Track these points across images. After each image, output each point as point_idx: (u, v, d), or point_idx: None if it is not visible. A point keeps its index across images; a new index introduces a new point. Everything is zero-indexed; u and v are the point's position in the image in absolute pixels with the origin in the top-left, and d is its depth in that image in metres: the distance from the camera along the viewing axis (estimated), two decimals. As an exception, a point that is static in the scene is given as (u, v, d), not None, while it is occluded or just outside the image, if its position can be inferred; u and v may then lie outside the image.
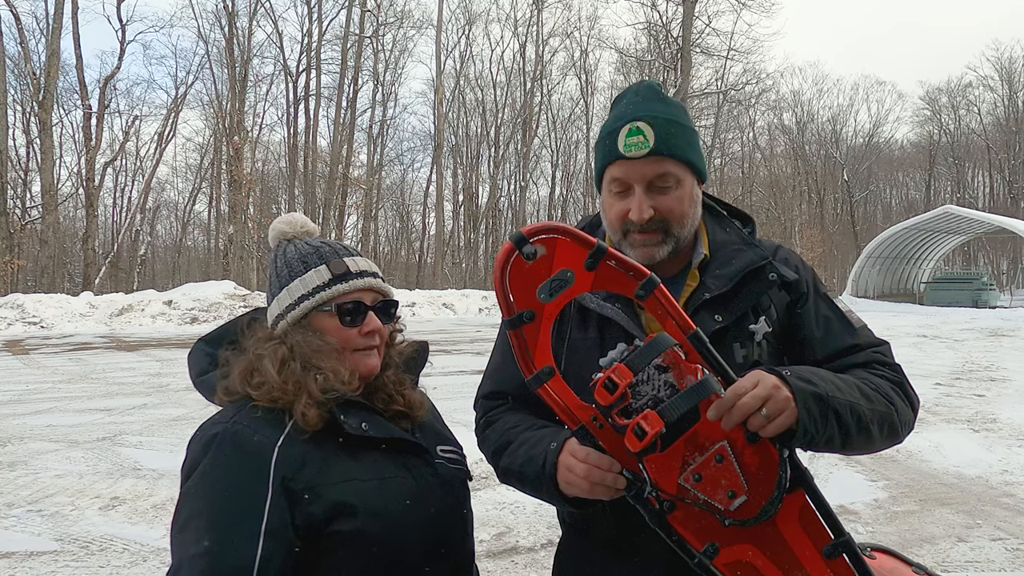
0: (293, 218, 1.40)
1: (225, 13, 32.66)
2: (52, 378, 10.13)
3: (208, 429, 1.20)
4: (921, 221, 32.08)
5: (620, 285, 1.11)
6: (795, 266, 1.42)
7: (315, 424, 1.18)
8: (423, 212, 47.82)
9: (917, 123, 57.97)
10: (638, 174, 1.31)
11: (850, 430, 1.16)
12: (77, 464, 5.58)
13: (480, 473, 5.12)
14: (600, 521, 1.32)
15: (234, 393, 1.23)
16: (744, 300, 1.33)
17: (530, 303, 1.09)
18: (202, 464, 1.15)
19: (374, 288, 1.33)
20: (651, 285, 1.10)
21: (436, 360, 1.55)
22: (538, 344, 1.11)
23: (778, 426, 1.06)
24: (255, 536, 1.10)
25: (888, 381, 1.29)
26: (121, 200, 39.97)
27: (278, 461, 1.15)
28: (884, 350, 1.38)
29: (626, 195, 1.33)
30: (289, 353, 1.24)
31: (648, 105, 1.33)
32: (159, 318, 20.07)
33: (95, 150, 30.47)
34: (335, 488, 1.17)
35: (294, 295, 1.29)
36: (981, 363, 12.01)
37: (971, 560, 3.89)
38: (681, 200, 1.33)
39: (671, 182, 1.32)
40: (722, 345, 1.26)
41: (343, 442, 1.21)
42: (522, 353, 1.11)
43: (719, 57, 33.60)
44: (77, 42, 29.70)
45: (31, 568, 3.68)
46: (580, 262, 1.09)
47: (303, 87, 36.41)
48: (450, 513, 1.31)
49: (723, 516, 1.07)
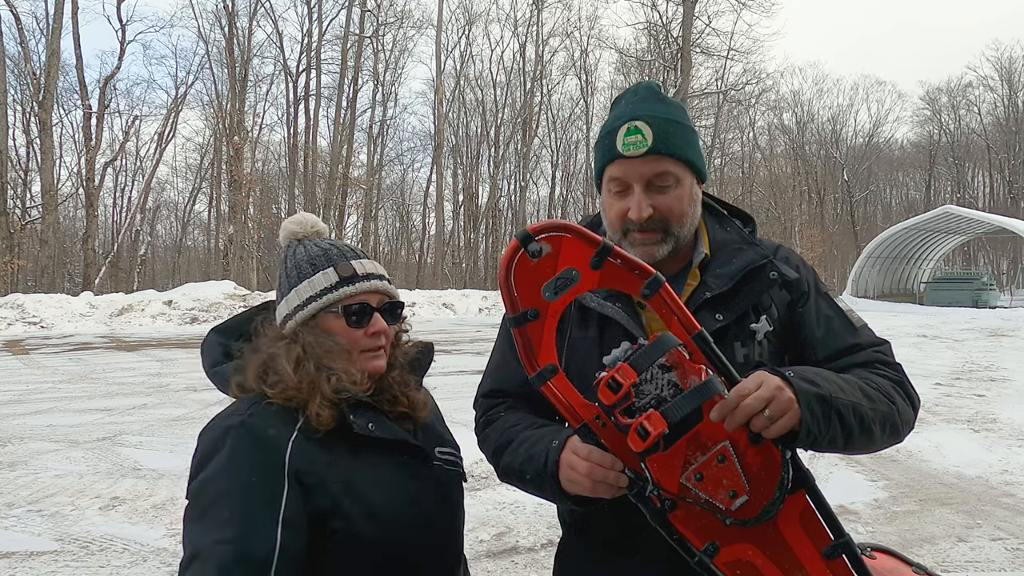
0: (304, 218, 1.42)
1: (225, 13, 32.65)
2: (52, 378, 10.13)
3: (222, 421, 1.21)
4: (921, 221, 32.08)
5: (625, 284, 1.11)
6: (796, 265, 1.42)
7: (328, 424, 1.21)
8: (423, 212, 47.90)
9: (917, 123, 58.06)
10: (636, 173, 1.31)
11: (852, 430, 1.17)
12: (77, 464, 5.58)
13: (480, 473, 5.11)
14: (601, 520, 1.32)
15: (248, 390, 1.26)
16: (745, 299, 1.33)
17: (535, 301, 1.10)
18: (219, 455, 1.17)
19: (380, 290, 1.35)
20: (656, 284, 1.09)
21: (436, 360, 1.56)
22: (542, 342, 1.11)
23: (781, 427, 1.06)
24: (275, 524, 1.11)
25: (889, 380, 1.29)
26: (121, 200, 40.02)
27: (292, 455, 1.18)
28: (885, 349, 1.38)
29: (625, 194, 1.33)
30: (303, 353, 1.26)
31: (647, 105, 1.34)
32: (159, 318, 20.07)
33: (95, 150, 30.46)
34: (339, 486, 1.19)
35: (302, 296, 1.31)
36: (981, 363, 12.01)
37: (971, 560, 3.89)
38: (680, 199, 1.33)
39: (670, 181, 1.32)
40: (723, 344, 1.26)
41: (349, 441, 1.23)
42: (526, 351, 1.11)
43: (719, 57, 33.61)
44: (77, 42, 29.73)
45: (31, 568, 3.68)
46: (586, 260, 1.09)
47: (303, 87, 36.43)
48: (445, 515, 1.33)
49: (724, 516, 1.07)
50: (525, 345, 1.11)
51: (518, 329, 1.11)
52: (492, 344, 1.54)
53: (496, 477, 1.40)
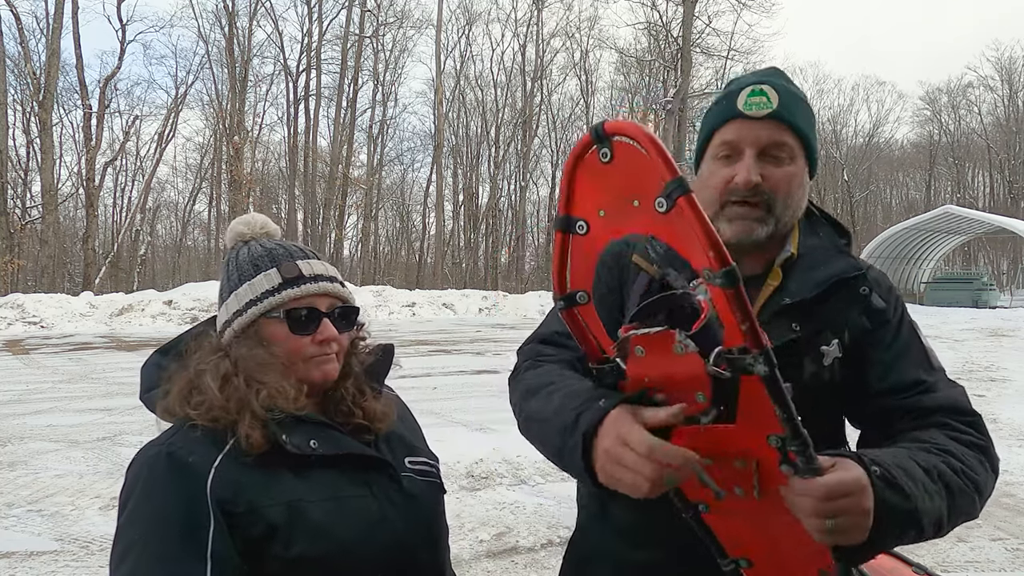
0: (252, 218, 1.30)
1: (225, 13, 32.67)
2: (52, 378, 10.12)
3: (143, 453, 1.11)
4: (921, 221, 32.07)
5: (689, 249, 0.81)
6: (886, 289, 1.25)
7: (261, 446, 1.09)
8: (423, 212, 47.83)
9: (917, 123, 58.03)
10: (753, 136, 1.17)
11: (924, 535, 0.98)
12: (77, 464, 5.58)
13: (480, 473, 5.12)
14: (621, 506, 1.20)
15: (174, 413, 1.15)
16: (829, 312, 1.18)
17: (588, 214, 0.91)
18: (136, 492, 1.06)
19: (330, 293, 1.23)
20: (732, 279, 0.77)
21: (436, 360, 1.50)
22: (582, 263, 0.94)
23: (837, 541, 0.88)
24: (202, 564, 1.01)
25: (974, 449, 1.11)
26: (121, 200, 39.99)
27: (214, 483, 1.06)
28: (962, 399, 1.18)
29: (733, 160, 1.18)
30: (232, 368, 1.14)
31: (773, 77, 1.22)
32: (159, 318, 20.06)
33: (95, 150, 30.45)
34: (275, 509, 1.08)
35: (241, 301, 1.20)
36: (981, 363, 12.01)
37: (971, 560, 3.89)
38: (792, 177, 1.18)
39: (786, 153, 1.18)
40: (790, 359, 1.09)
41: (293, 459, 1.12)
42: (560, 264, 0.94)
43: (719, 57, 33.53)
44: (77, 42, 29.70)
45: (31, 568, 3.68)
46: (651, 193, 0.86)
47: (303, 87, 36.43)
48: (418, 530, 1.22)
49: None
50: (562, 257, 0.93)
51: (562, 236, 0.93)
52: (492, 344, 1.50)
53: (496, 476, 1.34)
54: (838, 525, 0.86)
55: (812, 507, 0.85)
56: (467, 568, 3.68)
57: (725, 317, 0.82)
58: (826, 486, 0.85)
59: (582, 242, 0.91)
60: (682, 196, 0.77)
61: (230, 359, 1.16)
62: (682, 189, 0.77)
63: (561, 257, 0.93)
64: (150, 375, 1.24)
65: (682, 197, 0.77)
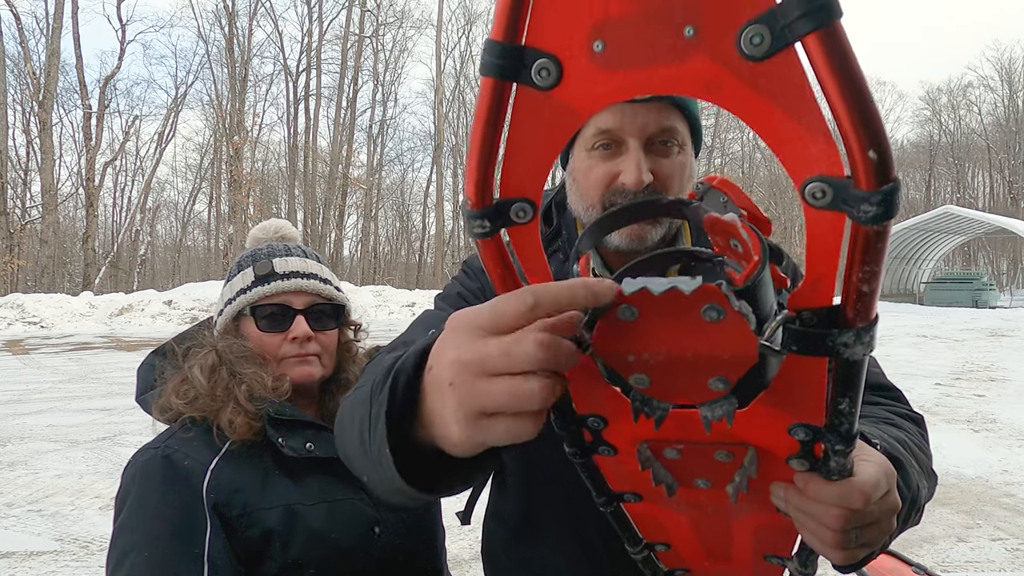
0: (268, 224, 1.33)
1: (225, 13, 32.69)
2: (52, 378, 10.12)
3: (139, 456, 1.11)
4: (921, 221, 32.08)
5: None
6: (792, 268, 1.21)
7: (243, 432, 1.10)
8: (423, 212, 47.87)
9: (917, 123, 58.28)
10: (638, 123, 0.94)
11: (907, 526, 0.82)
12: (77, 464, 5.58)
13: (480, 473, 5.11)
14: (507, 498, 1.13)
15: (167, 410, 1.15)
16: None
17: (568, 49, 0.47)
18: (132, 495, 1.06)
19: (307, 290, 1.21)
20: (892, 205, 0.45)
21: None
22: (532, 150, 0.51)
23: (856, 556, 0.66)
24: (199, 567, 1.00)
25: (912, 422, 0.99)
26: (121, 200, 40.02)
27: (210, 486, 1.06)
28: (880, 374, 1.09)
29: (615, 154, 0.97)
30: (218, 359, 1.16)
31: None
32: (159, 318, 20.07)
33: (95, 150, 30.48)
34: (271, 513, 1.08)
35: (223, 299, 1.24)
36: (981, 363, 12.00)
37: (971, 560, 3.89)
38: (684, 168, 0.98)
39: (676, 141, 0.97)
40: None
41: (292, 461, 1.13)
42: (485, 139, 0.51)
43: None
44: (77, 42, 29.71)
45: (31, 568, 3.68)
46: None
47: (303, 87, 36.46)
48: (415, 531, 1.22)
49: None
50: (488, 128, 0.50)
51: (495, 82, 0.47)
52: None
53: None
54: (865, 536, 0.63)
55: (839, 517, 0.60)
56: (466, 568, 3.67)
57: (818, 268, 0.49)
58: (862, 490, 0.59)
59: (542, 105, 0.47)
60: (816, 30, 0.39)
61: (216, 352, 1.18)
62: (823, 14, 0.38)
63: (489, 126, 0.49)
64: (146, 376, 1.26)
65: (816, 32, 0.39)
